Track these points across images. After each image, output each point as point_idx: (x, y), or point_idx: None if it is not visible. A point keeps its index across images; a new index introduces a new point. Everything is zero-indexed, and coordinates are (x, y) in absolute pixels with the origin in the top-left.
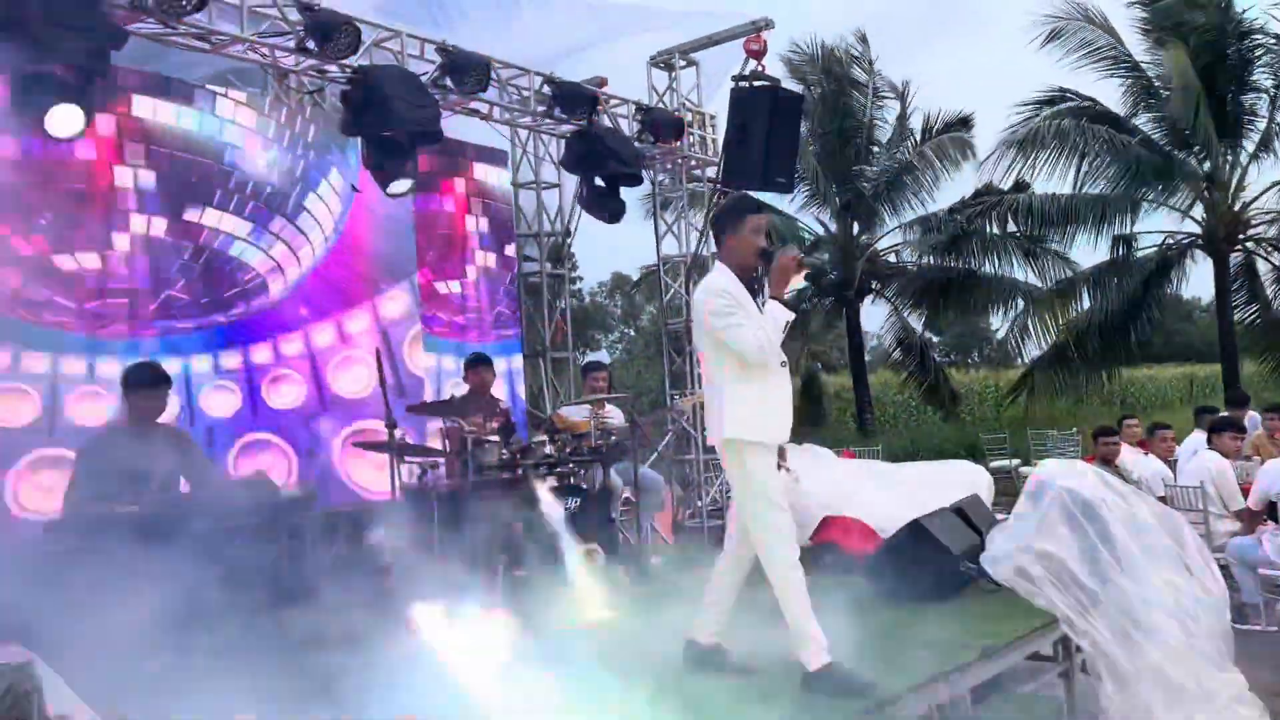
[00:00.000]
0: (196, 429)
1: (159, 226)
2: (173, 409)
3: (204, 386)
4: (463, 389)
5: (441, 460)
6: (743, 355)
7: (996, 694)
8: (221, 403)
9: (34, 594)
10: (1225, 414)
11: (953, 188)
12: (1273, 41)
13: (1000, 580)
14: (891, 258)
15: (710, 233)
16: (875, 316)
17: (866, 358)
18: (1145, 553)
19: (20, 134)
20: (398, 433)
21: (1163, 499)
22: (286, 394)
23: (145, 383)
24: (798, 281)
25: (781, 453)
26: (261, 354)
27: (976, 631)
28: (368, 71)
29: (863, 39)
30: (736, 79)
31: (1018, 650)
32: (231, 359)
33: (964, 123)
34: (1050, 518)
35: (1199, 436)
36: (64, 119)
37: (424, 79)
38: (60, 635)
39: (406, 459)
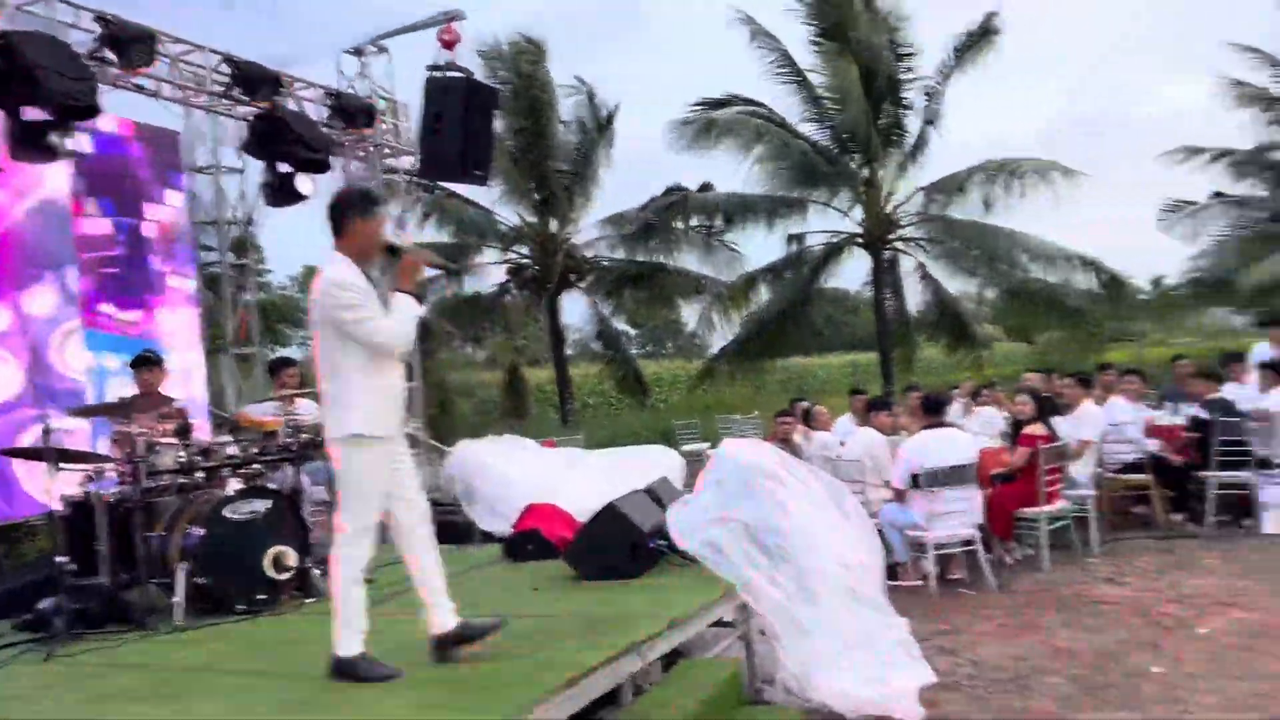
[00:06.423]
0: None
1: None
2: None
3: None
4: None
5: (110, 466)
6: (380, 348)
7: (684, 660)
8: None
9: None
10: (879, 395)
11: (644, 185)
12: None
13: (689, 552)
14: (589, 252)
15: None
16: (579, 310)
17: (569, 351)
18: (816, 518)
19: None
20: (53, 437)
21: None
22: None
23: None
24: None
25: (414, 440)
26: None
27: (665, 604)
28: (9, 37)
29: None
30: (431, 68)
31: (701, 618)
32: None
33: (609, 119)
34: (731, 491)
35: (849, 416)
36: None
37: (80, 50)
38: None
39: (64, 466)
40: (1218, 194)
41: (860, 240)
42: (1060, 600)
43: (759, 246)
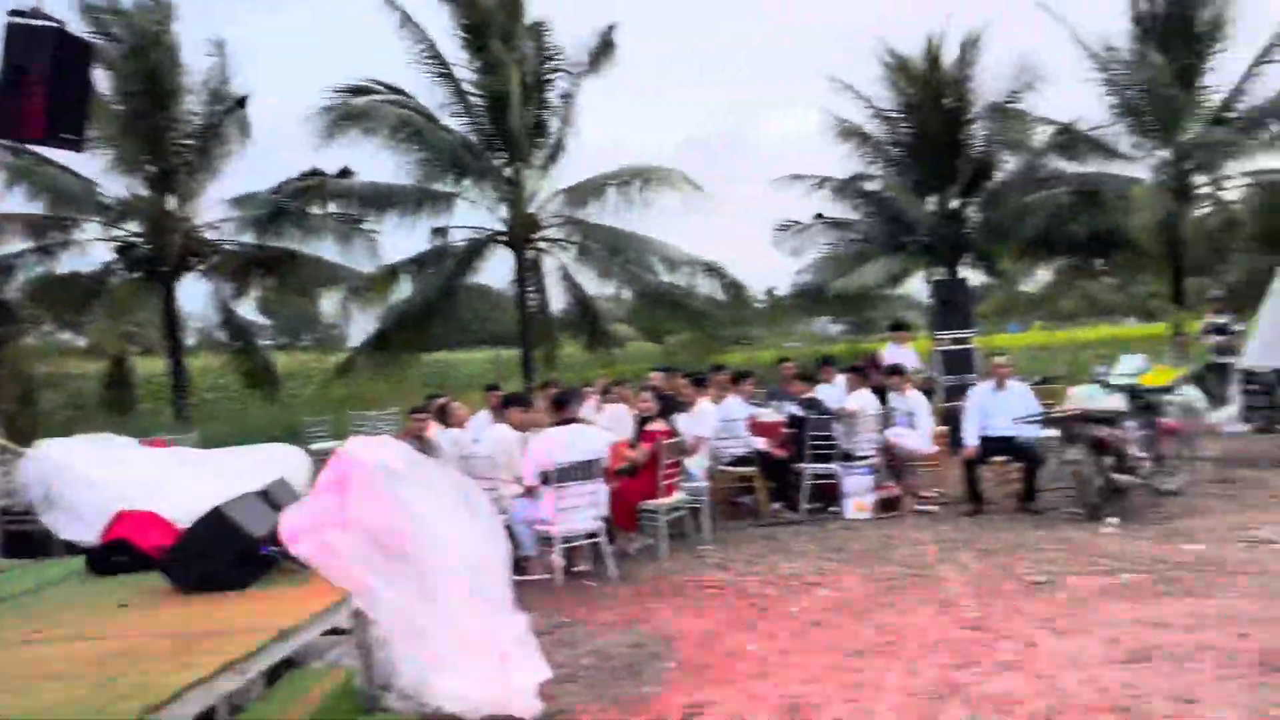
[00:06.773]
0: None
1: None
2: None
3: None
4: None
5: None
6: None
7: (292, 671)
8: None
9: None
10: (518, 391)
11: (286, 164)
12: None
13: (302, 558)
14: (213, 234)
15: None
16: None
17: (190, 340)
18: (441, 518)
19: None
20: None
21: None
22: None
23: None
24: None
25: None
26: None
27: (273, 614)
28: None
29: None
30: (13, 14)
31: (312, 628)
32: None
33: (240, 103)
34: (352, 491)
35: (486, 412)
36: None
37: None
38: None
39: None
40: (819, 216)
41: (504, 238)
42: (675, 587)
43: (402, 239)
